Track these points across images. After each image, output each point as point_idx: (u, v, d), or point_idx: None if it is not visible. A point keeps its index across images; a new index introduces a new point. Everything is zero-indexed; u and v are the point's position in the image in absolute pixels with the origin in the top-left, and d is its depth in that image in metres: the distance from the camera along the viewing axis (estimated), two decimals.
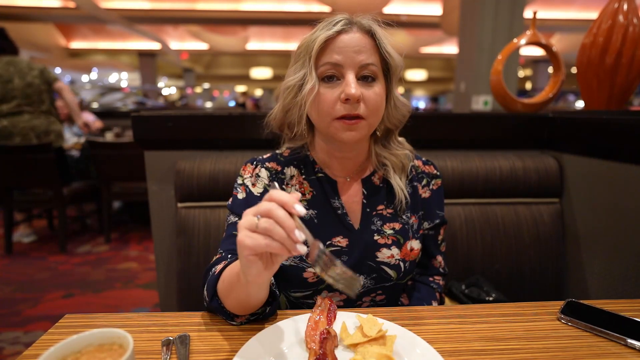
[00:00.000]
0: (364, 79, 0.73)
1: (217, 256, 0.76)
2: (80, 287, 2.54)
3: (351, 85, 0.70)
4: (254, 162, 0.86)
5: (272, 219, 0.49)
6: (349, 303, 0.83)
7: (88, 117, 3.96)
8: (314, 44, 0.72)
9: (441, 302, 0.94)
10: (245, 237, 0.50)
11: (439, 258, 0.94)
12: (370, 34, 0.74)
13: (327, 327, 0.61)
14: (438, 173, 0.92)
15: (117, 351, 0.44)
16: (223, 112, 1.31)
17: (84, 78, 14.83)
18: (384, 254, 0.81)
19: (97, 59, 14.07)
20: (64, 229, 3.15)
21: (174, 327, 0.65)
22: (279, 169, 0.85)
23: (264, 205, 0.51)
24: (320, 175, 0.85)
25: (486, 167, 1.27)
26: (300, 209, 0.50)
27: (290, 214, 0.50)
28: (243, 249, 0.51)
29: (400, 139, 0.89)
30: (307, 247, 0.52)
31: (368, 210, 0.84)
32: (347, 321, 0.65)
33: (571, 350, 0.59)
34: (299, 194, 0.54)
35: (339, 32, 0.72)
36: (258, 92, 18.98)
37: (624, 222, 1.08)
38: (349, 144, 0.77)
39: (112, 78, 15.74)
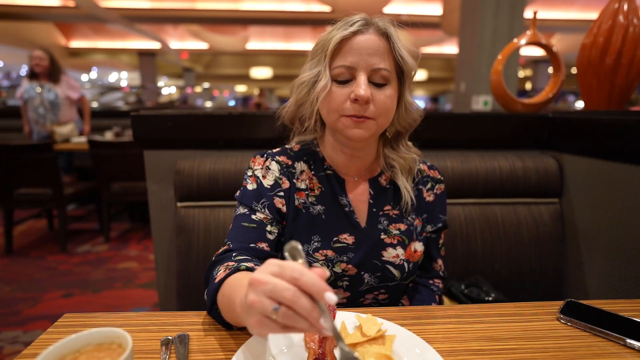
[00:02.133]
0: (376, 82, 0.74)
1: (225, 247, 0.76)
2: (80, 287, 2.53)
3: (361, 86, 0.71)
4: (264, 155, 0.86)
5: (294, 310, 0.41)
6: (352, 301, 0.84)
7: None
8: (330, 43, 0.73)
9: (440, 305, 0.95)
10: (258, 324, 0.43)
11: (439, 261, 0.95)
12: (386, 36, 0.74)
13: None
14: (442, 178, 0.94)
15: (116, 350, 0.44)
16: (223, 111, 1.31)
17: (84, 77, 14.83)
18: (389, 254, 0.82)
19: (97, 58, 14.05)
20: (64, 229, 3.14)
21: (173, 327, 0.65)
22: (290, 163, 0.85)
23: (284, 290, 0.41)
24: (329, 172, 0.86)
25: (486, 167, 1.27)
26: (332, 298, 0.41)
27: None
28: (254, 332, 0.45)
29: (408, 143, 0.90)
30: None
31: (375, 210, 0.85)
32: (347, 321, 0.65)
33: (570, 350, 0.59)
34: (327, 272, 0.44)
35: (355, 33, 0.73)
36: (258, 92, 18.97)
37: (624, 223, 1.08)
38: (356, 142, 0.78)
39: (112, 77, 15.74)
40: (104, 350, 0.44)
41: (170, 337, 0.61)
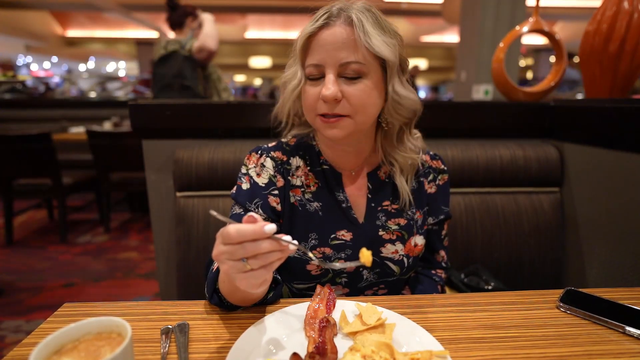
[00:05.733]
0: (348, 76, 0.69)
1: None
2: (81, 277, 2.54)
3: (327, 85, 0.68)
4: (259, 151, 0.83)
5: (260, 254, 0.48)
6: (351, 297, 0.83)
7: None
8: (298, 40, 0.71)
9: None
10: (243, 280, 0.50)
11: (442, 252, 0.93)
12: (355, 26, 0.68)
13: (326, 315, 0.61)
14: (445, 168, 0.90)
15: (115, 339, 0.44)
16: (221, 100, 1.30)
17: (81, 67, 14.69)
18: (388, 250, 0.81)
19: (94, 47, 13.91)
20: (64, 219, 3.15)
21: (174, 316, 0.65)
22: (285, 158, 0.83)
23: (237, 251, 0.48)
24: (325, 167, 0.83)
25: (487, 156, 1.27)
26: (271, 228, 0.48)
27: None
28: (247, 289, 0.51)
29: (417, 134, 0.86)
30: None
31: (373, 205, 0.83)
32: (347, 309, 0.65)
33: (570, 338, 0.59)
34: (255, 215, 0.51)
35: (321, 27, 0.70)
36: (257, 82, 18.82)
37: (624, 212, 1.08)
38: (336, 141, 0.75)
39: (110, 67, 15.58)
40: (104, 339, 0.44)
41: (171, 326, 0.61)
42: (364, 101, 0.70)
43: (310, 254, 0.56)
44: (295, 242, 0.51)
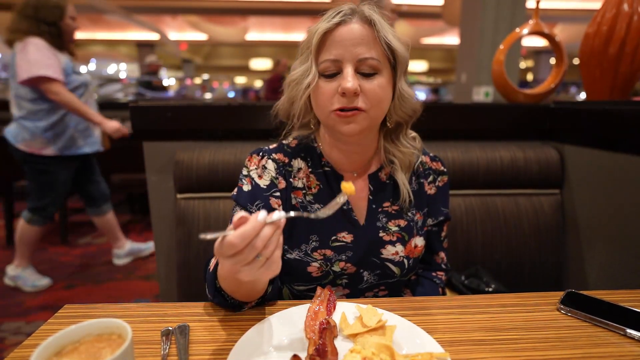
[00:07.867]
0: (365, 72, 0.71)
1: None
2: (81, 279, 2.54)
3: (347, 78, 0.69)
4: (260, 153, 0.84)
5: (266, 241, 0.49)
6: (352, 298, 0.83)
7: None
8: (314, 37, 0.71)
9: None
10: (265, 272, 0.50)
11: (442, 254, 0.93)
12: (371, 23, 0.71)
13: (326, 317, 0.61)
14: (445, 170, 0.91)
15: (115, 341, 0.44)
16: (222, 102, 1.30)
17: (82, 69, 14.73)
18: (388, 251, 0.81)
19: (95, 49, 13.95)
20: (65, 221, 3.15)
21: (174, 318, 0.65)
22: (286, 160, 0.83)
23: (249, 252, 0.48)
24: (327, 168, 0.83)
25: (487, 158, 1.27)
26: (264, 216, 0.49)
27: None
28: (272, 276, 0.52)
29: (413, 134, 0.87)
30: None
31: (374, 206, 0.83)
32: (347, 311, 0.65)
33: (571, 340, 0.59)
34: (244, 214, 0.51)
35: (338, 24, 0.71)
36: (258, 84, 18.86)
37: (624, 214, 1.08)
38: (350, 137, 0.76)
39: (111, 69, 15.61)
40: (104, 340, 0.44)
41: (171, 328, 0.61)
42: (380, 96, 0.72)
43: (292, 213, 0.56)
44: (283, 212, 0.52)
